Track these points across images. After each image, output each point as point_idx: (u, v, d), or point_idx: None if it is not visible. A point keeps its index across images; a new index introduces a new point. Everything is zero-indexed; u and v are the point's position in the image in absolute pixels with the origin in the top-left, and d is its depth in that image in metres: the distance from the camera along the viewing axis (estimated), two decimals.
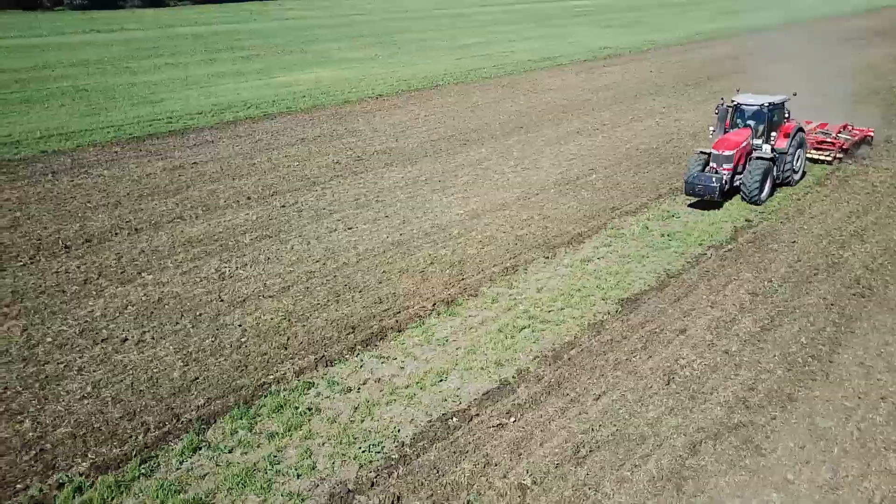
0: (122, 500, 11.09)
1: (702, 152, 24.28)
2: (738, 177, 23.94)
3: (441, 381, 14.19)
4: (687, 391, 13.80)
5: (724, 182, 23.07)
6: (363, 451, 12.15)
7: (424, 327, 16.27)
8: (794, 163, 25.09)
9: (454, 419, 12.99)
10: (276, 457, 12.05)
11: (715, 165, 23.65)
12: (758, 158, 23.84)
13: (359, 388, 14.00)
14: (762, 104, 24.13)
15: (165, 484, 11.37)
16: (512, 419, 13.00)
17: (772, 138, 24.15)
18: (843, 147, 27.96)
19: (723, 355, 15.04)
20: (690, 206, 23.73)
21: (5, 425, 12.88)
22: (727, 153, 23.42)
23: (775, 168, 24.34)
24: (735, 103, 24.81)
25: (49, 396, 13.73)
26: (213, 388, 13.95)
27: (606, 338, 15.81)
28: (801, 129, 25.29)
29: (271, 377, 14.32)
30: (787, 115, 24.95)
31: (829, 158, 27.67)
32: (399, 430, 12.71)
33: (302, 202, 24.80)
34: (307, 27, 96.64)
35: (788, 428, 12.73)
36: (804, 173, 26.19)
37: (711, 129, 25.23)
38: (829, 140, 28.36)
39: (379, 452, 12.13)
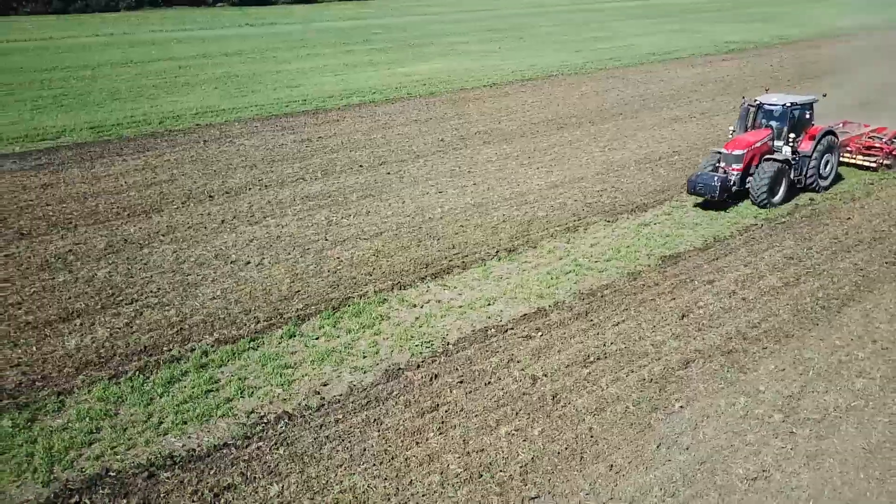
0: (235, 361, 15.00)
1: (717, 151, 23.77)
2: (750, 178, 23.26)
3: (489, 305, 17.27)
4: (696, 324, 16.13)
5: (730, 183, 22.64)
6: (416, 346, 15.47)
7: (485, 267, 19.37)
8: (822, 168, 24.05)
9: (492, 330, 16.04)
10: (349, 345, 15.58)
11: (724, 165, 23.10)
12: (769, 160, 23.09)
13: (422, 306, 17.33)
14: (784, 104, 23.41)
15: (266, 354, 15.20)
16: (539, 333, 15.88)
17: (791, 140, 23.32)
18: (894, 153, 26.49)
19: (739, 301, 17.16)
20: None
21: (158, 312, 17.19)
22: (736, 153, 22.80)
23: (793, 171, 23.50)
24: (758, 103, 24.16)
25: (189, 296, 18.00)
26: (310, 298, 17.74)
27: (640, 283, 18.28)
28: (830, 133, 24.24)
29: (356, 294, 17.93)
30: (808, 117, 23.91)
31: (873, 164, 26.28)
32: (447, 335, 15.93)
33: (404, 171, 28.46)
34: (440, 22, 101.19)
35: (775, 356, 14.84)
36: (837, 178, 25.26)
37: (731, 128, 24.58)
38: (877, 145, 26.90)
39: (428, 347, 15.41)
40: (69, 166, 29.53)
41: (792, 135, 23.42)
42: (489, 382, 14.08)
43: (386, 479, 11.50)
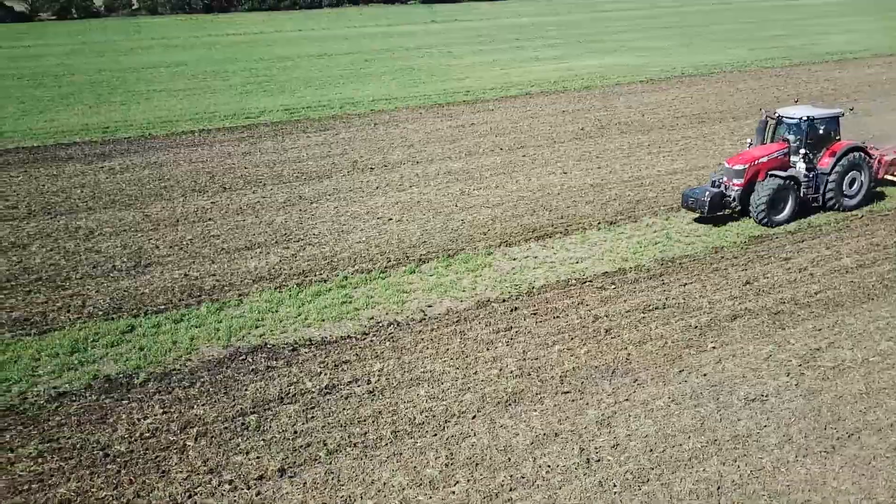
0: (366, 285, 19.37)
1: None
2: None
3: (577, 263, 20.42)
4: (755, 290, 18.33)
5: (728, 198, 22.26)
6: (507, 287, 19.04)
7: (584, 235, 22.45)
8: (847, 186, 22.90)
9: (574, 281, 19.22)
10: (454, 282, 19.44)
11: (726, 179, 22.54)
12: (773, 176, 22.14)
13: (520, 260, 20.82)
14: (800, 117, 22.51)
15: (390, 282, 19.47)
16: (613, 287, 18.84)
17: (802, 154, 22.43)
18: None
19: (806, 276, 19.03)
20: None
21: (316, 249, 22.03)
22: (737, 167, 22.21)
23: (803, 189, 22.46)
24: (777, 115, 23.44)
25: (340, 241, 22.71)
26: (433, 247, 21.82)
27: (719, 256, 20.56)
28: (856, 149, 22.89)
29: (469, 247, 21.77)
30: (827, 131, 22.70)
31: None
32: (534, 281, 19.34)
33: (538, 154, 31.85)
34: (614, 19, 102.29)
35: (818, 319, 16.82)
36: (877, 197, 24.19)
37: (749, 140, 23.78)
38: None
39: (516, 288, 18.92)
40: (264, 139, 35.79)
41: (803, 150, 22.45)
42: (557, 317, 17.36)
43: (458, 368, 15.24)
